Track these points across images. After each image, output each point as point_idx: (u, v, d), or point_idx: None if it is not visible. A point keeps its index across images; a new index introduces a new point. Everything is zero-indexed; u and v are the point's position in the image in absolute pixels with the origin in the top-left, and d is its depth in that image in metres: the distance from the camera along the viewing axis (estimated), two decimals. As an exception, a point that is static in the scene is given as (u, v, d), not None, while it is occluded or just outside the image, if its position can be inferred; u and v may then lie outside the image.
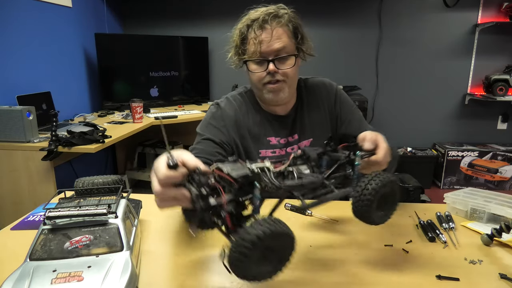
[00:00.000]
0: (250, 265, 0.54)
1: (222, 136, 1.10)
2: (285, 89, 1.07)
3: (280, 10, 1.04)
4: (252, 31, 1.03)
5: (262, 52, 1.02)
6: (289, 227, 0.55)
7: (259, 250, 0.53)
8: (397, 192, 0.70)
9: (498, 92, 3.13)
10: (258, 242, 0.51)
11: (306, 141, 1.17)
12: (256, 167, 0.60)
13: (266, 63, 1.03)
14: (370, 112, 3.49)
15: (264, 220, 0.53)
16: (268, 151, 1.15)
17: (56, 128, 1.88)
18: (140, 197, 1.01)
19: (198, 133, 1.14)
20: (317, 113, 1.17)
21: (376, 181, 0.66)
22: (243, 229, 0.52)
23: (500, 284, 0.71)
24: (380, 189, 0.66)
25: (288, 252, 0.58)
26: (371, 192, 0.66)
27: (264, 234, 0.51)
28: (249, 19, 1.04)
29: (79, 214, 0.70)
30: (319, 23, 3.38)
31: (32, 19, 2.41)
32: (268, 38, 1.01)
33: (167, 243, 0.88)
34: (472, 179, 3.33)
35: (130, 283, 0.60)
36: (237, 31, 1.08)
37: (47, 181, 1.92)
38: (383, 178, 0.66)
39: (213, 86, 3.64)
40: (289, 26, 1.04)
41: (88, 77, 3.08)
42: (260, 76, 1.06)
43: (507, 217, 0.90)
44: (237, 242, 0.52)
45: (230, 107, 1.17)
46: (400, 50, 3.38)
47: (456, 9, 3.13)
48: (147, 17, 3.55)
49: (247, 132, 1.14)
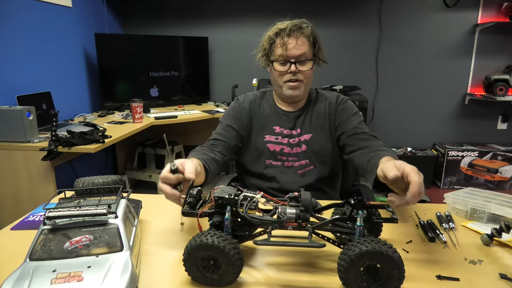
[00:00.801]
0: (192, 264, 0.68)
1: (238, 124, 1.36)
2: (301, 87, 1.28)
3: (303, 24, 1.25)
4: (280, 38, 1.24)
5: (287, 55, 1.23)
6: (221, 240, 0.65)
7: (192, 258, 0.67)
8: (391, 268, 0.63)
9: (498, 92, 3.13)
10: (189, 250, 0.67)
11: (306, 135, 1.34)
12: (244, 195, 0.74)
13: (289, 64, 1.24)
14: (370, 112, 3.49)
15: (205, 233, 0.66)
16: (272, 136, 1.34)
17: (56, 128, 1.88)
18: (140, 197, 1.01)
19: (220, 122, 1.39)
20: (319, 116, 1.35)
21: (356, 248, 0.62)
22: (193, 237, 0.67)
23: (500, 284, 0.71)
24: (356, 258, 0.62)
25: (223, 263, 0.67)
26: (345, 259, 0.63)
27: (191, 245, 0.67)
28: (278, 28, 1.25)
29: (79, 214, 0.70)
30: (319, 23, 3.35)
31: (32, 19, 2.41)
32: (293, 44, 1.23)
33: (167, 243, 0.88)
34: (472, 179, 3.33)
35: (130, 283, 0.60)
36: (266, 36, 1.28)
37: (47, 181, 1.92)
38: (367, 246, 0.61)
39: (213, 86, 3.64)
40: (310, 37, 1.26)
41: (88, 77, 3.08)
42: (282, 75, 1.27)
43: (507, 217, 0.90)
44: (184, 250, 0.68)
45: (246, 100, 1.40)
46: (400, 50, 3.38)
47: (456, 9, 3.13)
48: (147, 17, 3.55)
49: (255, 121, 1.37)
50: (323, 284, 0.71)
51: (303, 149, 1.32)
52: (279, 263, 0.78)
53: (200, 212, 0.73)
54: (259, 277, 0.74)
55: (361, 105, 3.02)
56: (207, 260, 0.68)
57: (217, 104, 3.41)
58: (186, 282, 0.71)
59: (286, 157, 1.33)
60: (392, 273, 0.63)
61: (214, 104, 3.42)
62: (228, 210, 0.71)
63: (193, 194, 0.76)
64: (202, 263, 0.68)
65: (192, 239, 0.67)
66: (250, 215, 0.71)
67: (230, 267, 0.66)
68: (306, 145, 1.32)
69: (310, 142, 1.32)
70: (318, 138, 1.33)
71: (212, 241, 0.65)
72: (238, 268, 0.67)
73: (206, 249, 0.66)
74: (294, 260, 0.80)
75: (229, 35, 3.49)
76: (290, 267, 0.77)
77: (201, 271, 0.69)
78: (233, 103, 1.43)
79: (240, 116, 1.36)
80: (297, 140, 1.33)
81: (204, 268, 0.69)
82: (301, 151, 1.32)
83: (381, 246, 0.62)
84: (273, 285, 0.71)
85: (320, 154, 1.33)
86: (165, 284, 0.72)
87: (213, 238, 0.65)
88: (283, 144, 1.33)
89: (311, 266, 0.77)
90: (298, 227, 0.71)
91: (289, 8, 3.31)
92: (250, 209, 0.73)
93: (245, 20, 3.45)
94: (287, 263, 0.78)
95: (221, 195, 0.72)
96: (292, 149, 1.33)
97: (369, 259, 0.63)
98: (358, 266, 0.63)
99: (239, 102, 1.40)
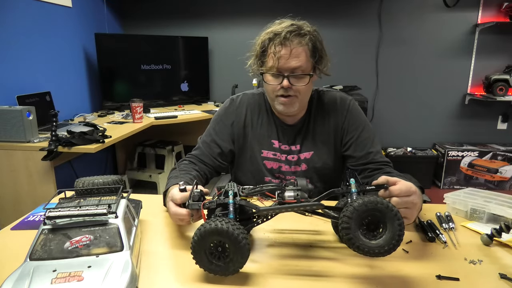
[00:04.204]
0: (200, 250, 0.68)
1: (227, 135, 1.22)
2: (295, 103, 1.11)
3: (304, 29, 1.06)
4: (272, 46, 1.06)
5: (279, 67, 1.06)
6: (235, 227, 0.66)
7: (203, 242, 0.67)
8: (390, 217, 0.64)
9: (498, 92, 3.13)
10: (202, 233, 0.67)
11: (307, 153, 1.20)
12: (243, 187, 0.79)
13: (282, 77, 1.07)
14: (370, 112, 3.49)
15: (216, 219, 0.67)
16: (269, 152, 1.21)
17: (56, 128, 1.88)
18: (140, 197, 1.01)
19: (210, 124, 1.26)
20: (322, 128, 1.20)
21: (357, 202, 0.64)
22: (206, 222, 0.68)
23: (500, 284, 0.71)
24: (360, 208, 0.63)
25: (231, 250, 0.67)
26: (350, 209, 0.64)
27: (205, 228, 0.67)
28: (272, 32, 1.06)
29: (79, 214, 0.70)
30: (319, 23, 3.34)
31: (32, 19, 2.41)
32: (286, 55, 1.04)
33: (167, 243, 0.88)
34: (472, 179, 3.33)
35: (130, 283, 0.60)
36: (259, 41, 1.10)
37: (47, 181, 1.92)
38: (365, 200, 0.64)
39: (213, 86, 3.64)
40: (309, 45, 1.07)
41: (88, 77, 3.08)
42: (274, 88, 1.10)
43: (507, 217, 0.90)
44: (195, 232, 0.68)
45: (243, 104, 1.24)
46: (400, 50, 3.38)
47: (456, 9, 3.13)
48: (147, 17, 3.55)
49: (251, 131, 1.22)
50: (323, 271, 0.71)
51: (303, 168, 1.20)
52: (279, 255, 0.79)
53: (203, 203, 0.76)
54: (259, 268, 0.75)
55: (361, 105, 2.99)
56: (216, 246, 0.68)
57: (217, 104, 3.41)
58: (186, 282, 0.71)
59: (284, 175, 1.21)
60: (393, 226, 0.64)
61: (214, 104, 3.42)
62: (231, 193, 0.74)
63: (197, 190, 0.81)
64: (210, 249, 0.68)
65: (206, 223, 0.67)
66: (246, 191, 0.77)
67: (238, 255, 0.67)
68: (307, 165, 1.19)
69: (311, 161, 1.19)
70: (320, 156, 1.19)
71: (227, 227, 0.65)
72: (246, 256, 0.68)
73: (219, 234, 0.66)
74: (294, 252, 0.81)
75: (229, 35, 3.49)
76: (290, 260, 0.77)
77: (208, 257, 0.69)
78: (227, 104, 1.26)
79: (231, 123, 1.22)
80: (296, 157, 1.20)
81: (211, 254, 0.69)
82: (301, 171, 1.20)
83: (382, 200, 0.64)
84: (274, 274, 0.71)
85: (321, 173, 1.20)
86: (165, 284, 0.71)
87: (228, 224, 0.66)
88: (281, 161, 1.20)
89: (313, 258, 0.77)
90: (297, 203, 0.73)
91: (289, 8, 3.31)
92: (250, 195, 0.78)
93: (245, 20, 3.45)
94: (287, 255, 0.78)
95: (221, 185, 0.80)
96: (291, 167, 1.20)
97: (371, 210, 0.64)
98: (361, 217, 0.64)
99: (234, 105, 1.24)
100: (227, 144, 1.22)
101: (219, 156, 1.22)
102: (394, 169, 1.13)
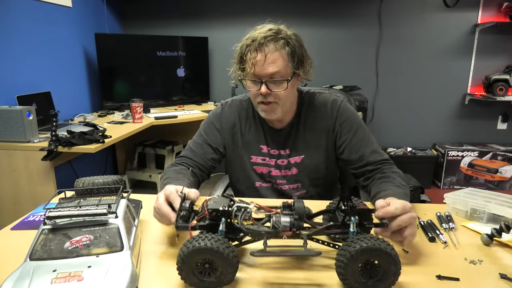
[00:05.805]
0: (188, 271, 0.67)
1: (218, 138, 1.22)
2: (277, 109, 1.10)
3: (281, 33, 1.04)
4: (249, 52, 1.04)
5: (256, 73, 1.05)
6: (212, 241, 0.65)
7: (187, 265, 0.66)
8: (388, 261, 0.64)
9: (498, 92, 3.13)
10: (183, 258, 0.65)
11: (297, 157, 1.19)
12: (237, 205, 0.74)
13: (260, 84, 1.05)
14: (370, 112, 3.48)
15: (192, 239, 0.66)
16: (258, 157, 1.21)
17: (56, 128, 1.88)
18: (140, 197, 1.01)
19: (201, 127, 1.25)
20: (313, 132, 1.18)
21: (356, 244, 0.64)
22: (184, 245, 0.66)
23: (500, 284, 0.71)
24: (357, 254, 0.63)
25: (219, 264, 0.66)
26: (345, 254, 0.64)
27: (184, 252, 0.65)
28: (250, 37, 1.05)
29: (79, 214, 0.70)
30: (319, 23, 3.38)
31: (32, 19, 2.41)
32: (261, 61, 1.02)
33: (167, 243, 0.88)
34: (472, 179, 3.33)
35: (130, 283, 0.60)
36: (238, 48, 1.09)
37: (47, 181, 1.92)
38: (367, 243, 0.63)
39: (213, 86, 3.63)
40: (286, 49, 1.04)
41: (88, 77, 3.08)
42: (255, 95, 1.10)
43: (507, 217, 0.90)
44: (177, 259, 0.67)
45: (232, 111, 1.24)
46: (400, 50, 3.38)
47: (456, 9, 3.13)
48: (147, 17, 3.54)
49: (240, 138, 1.22)
50: (319, 280, 0.71)
51: (293, 172, 1.19)
52: (275, 261, 0.78)
53: (191, 225, 0.73)
54: (256, 274, 0.74)
55: (361, 105, 3.02)
56: (202, 264, 0.67)
57: (217, 104, 3.40)
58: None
59: (274, 179, 1.21)
60: (390, 268, 0.65)
61: (214, 104, 3.42)
62: (223, 222, 0.72)
63: (186, 207, 0.77)
64: (198, 268, 0.67)
65: (184, 246, 0.66)
66: (246, 226, 0.72)
67: (227, 267, 0.66)
68: (297, 168, 1.18)
69: (301, 164, 1.18)
70: (311, 159, 1.18)
71: (205, 244, 0.64)
72: (235, 266, 0.67)
73: (200, 253, 0.65)
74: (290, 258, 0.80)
75: (229, 35, 3.48)
76: (286, 264, 0.77)
77: (198, 277, 0.68)
78: (218, 109, 1.27)
79: (221, 129, 1.22)
80: (286, 162, 1.19)
81: (200, 273, 0.68)
82: (291, 175, 1.19)
83: (380, 243, 0.64)
84: (271, 281, 0.71)
85: (313, 177, 1.19)
86: (165, 284, 0.72)
87: (205, 241, 0.65)
88: (271, 166, 1.20)
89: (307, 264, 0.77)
90: (293, 235, 0.71)
91: (289, 8, 3.31)
92: (244, 220, 0.73)
93: (245, 20, 3.44)
94: (283, 261, 0.78)
95: (215, 207, 0.73)
96: (281, 171, 1.20)
97: (368, 255, 0.64)
98: (358, 262, 0.65)
99: (224, 112, 1.24)
100: (218, 146, 1.22)
101: (212, 157, 1.21)
102: None
